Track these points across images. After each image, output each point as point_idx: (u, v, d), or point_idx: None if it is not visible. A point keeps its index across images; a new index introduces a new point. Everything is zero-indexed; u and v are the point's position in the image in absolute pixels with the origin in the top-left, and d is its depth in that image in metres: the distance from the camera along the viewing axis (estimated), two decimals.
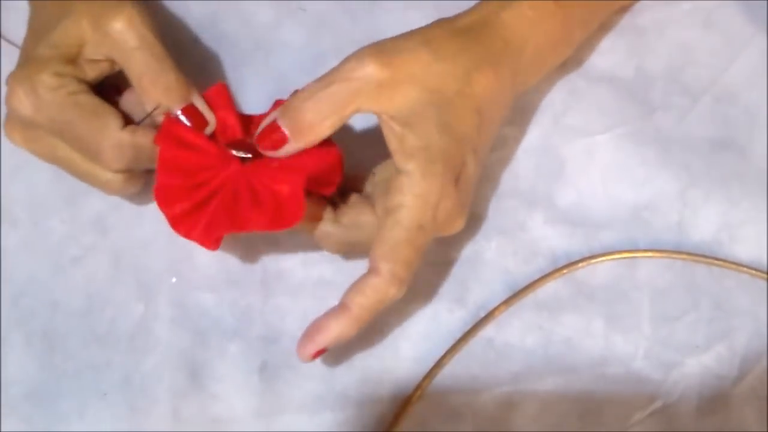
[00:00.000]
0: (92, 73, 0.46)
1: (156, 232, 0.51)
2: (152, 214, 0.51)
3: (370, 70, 0.43)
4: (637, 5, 0.55)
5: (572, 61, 0.53)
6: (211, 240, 0.44)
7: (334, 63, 0.44)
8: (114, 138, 0.44)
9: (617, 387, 0.49)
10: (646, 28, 0.55)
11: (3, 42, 0.54)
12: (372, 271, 0.43)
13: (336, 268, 0.51)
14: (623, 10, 0.55)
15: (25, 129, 0.45)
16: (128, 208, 0.52)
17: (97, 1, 0.45)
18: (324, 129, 0.43)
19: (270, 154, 0.44)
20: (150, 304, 0.50)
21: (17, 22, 0.50)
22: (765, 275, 0.50)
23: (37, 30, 0.47)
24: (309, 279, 0.51)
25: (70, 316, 0.50)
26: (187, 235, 0.44)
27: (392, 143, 0.44)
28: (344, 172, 0.46)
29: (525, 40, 0.46)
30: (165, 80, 0.45)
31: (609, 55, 0.55)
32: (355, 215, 0.45)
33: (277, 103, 0.46)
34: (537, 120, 0.53)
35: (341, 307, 0.44)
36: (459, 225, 0.46)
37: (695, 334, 0.50)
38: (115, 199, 0.52)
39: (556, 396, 0.49)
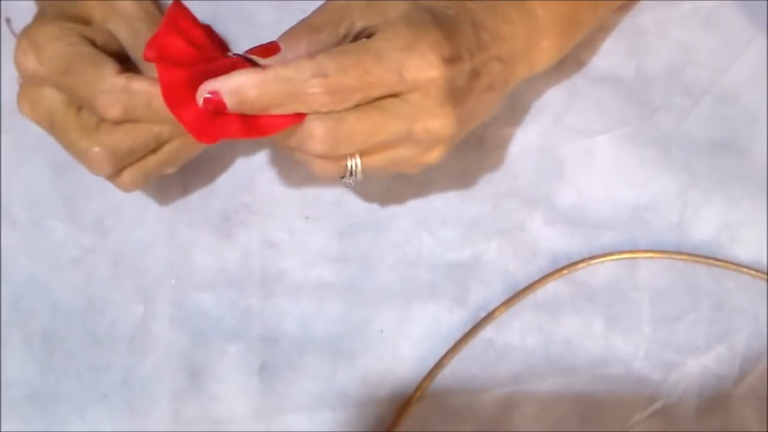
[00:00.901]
0: (98, 37, 0.46)
1: (156, 234, 0.51)
2: (152, 216, 0.51)
3: None
4: (637, 5, 0.55)
5: (572, 61, 0.53)
6: (204, 127, 0.41)
7: None
8: (109, 82, 0.43)
9: (617, 387, 0.49)
10: (646, 28, 0.55)
11: (3, 40, 0.54)
12: (307, 56, 0.41)
13: (336, 269, 0.51)
14: (627, 8, 0.55)
15: (31, 92, 0.45)
16: (128, 209, 0.52)
17: None
18: (317, 39, 0.42)
19: (261, 61, 0.42)
20: (150, 305, 0.50)
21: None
22: (765, 276, 0.50)
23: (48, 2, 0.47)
24: (308, 280, 0.51)
25: (69, 317, 0.50)
26: (177, 110, 0.41)
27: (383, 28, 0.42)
28: None
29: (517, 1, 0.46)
30: None
31: (609, 55, 0.54)
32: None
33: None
34: (537, 120, 0.53)
35: (258, 67, 0.41)
36: (447, 120, 0.43)
37: (695, 334, 0.50)
38: (115, 200, 0.52)
39: (557, 396, 0.49)
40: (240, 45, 0.55)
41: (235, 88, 0.40)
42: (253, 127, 0.41)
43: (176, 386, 0.49)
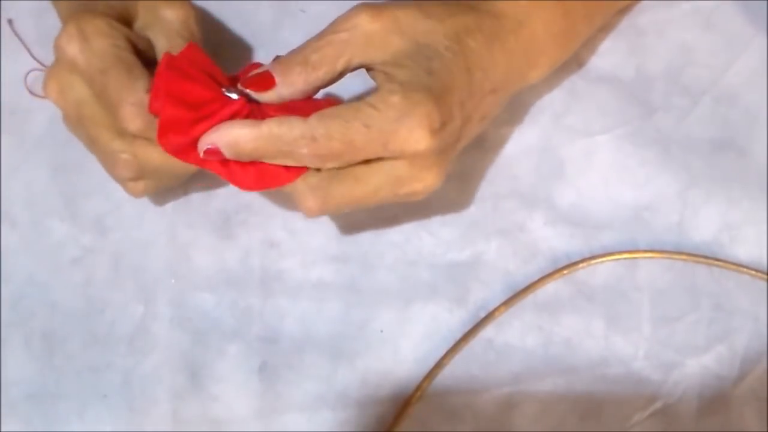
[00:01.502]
0: (140, 43, 0.46)
1: (155, 233, 0.51)
2: (152, 216, 0.51)
3: (360, 22, 0.43)
4: (637, 6, 0.55)
5: (572, 61, 0.53)
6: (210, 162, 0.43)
7: None
8: (137, 96, 0.44)
9: (617, 387, 0.49)
10: (646, 28, 0.55)
11: (3, 40, 0.54)
12: (303, 93, 0.43)
13: (335, 269, 0.51)
14: (626, 9, 0.55)
15: (62, 76, 0.45)
16: (128, 208, 0.52)
17: None
18: (313, 78, 0.43)
19: (256, 96, 0.43)
20: (149, 305, 0.50)
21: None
22: (765, 276, 0.50)
23: None
24: (308, 280, 0.51)
25: (69, 317, 0.50)
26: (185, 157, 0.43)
27: (379, 78, 0.43)
28: None
29: (519, 23, 0.46)
30: None
31: (609, 55, 0.55)
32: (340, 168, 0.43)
33: (253, 66, 0.45)
34: (537, 120, 0.53)
35: (255, 121, 0.43)
36: (432, 180, 0.44)
37: (695, 334, 0.50)
38: (115, 200, 0.52)
39: (556, 396, 0.49)
40: (240, 44, 0.55)
41: (231, 141, 0.42)
42: (259, 180, 0.43)
43: (176, 386, 0.49)
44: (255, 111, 0.43)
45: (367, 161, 0.43)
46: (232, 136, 0.42)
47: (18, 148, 0.53)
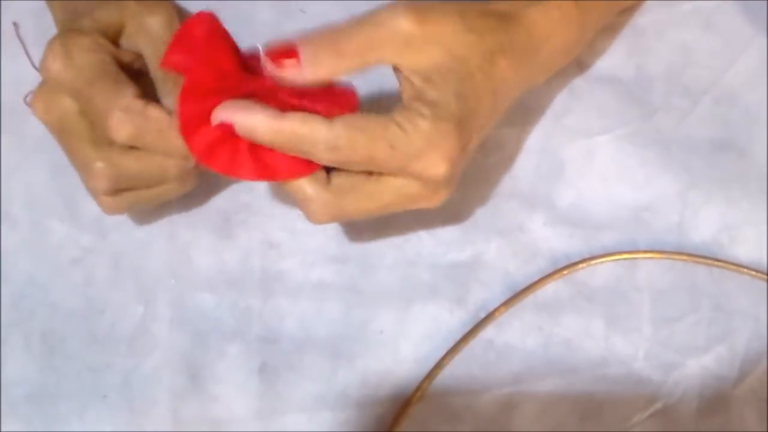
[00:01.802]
0: (125, 57, 0.46)
1: (155, 234, 0.51)
2: (152, 216, 0.51)
3: (402, 22, 0.42)
4: (637, 6, 0.55)
5: (572, 61, 0.53)
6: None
7: None
8: (126, 102, 0.43)
9: (617, 388, 0.49)
10: (646, 28, 0.55)
11: (3, 41, 0.54)
12: (326, 119, 0.41)
13: (335, 270, 0.51)
14: (628, 10, 0.55)
15: (48, 94, 0.45)
16: None
17: None
18: (341, 67, 0.42)
19: (275, 72, 0.42)
20: (149, 305, 0.50)
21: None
22: (765, 276, 0.50)
23: (77, 8, 0.48)
24: (308, 280, 0.51)
25: (69, 317, 0.50)
26: (229, 168, 0.42)
27: (408, 92, 0.43)
28: None
29: (545, 38, 0.46)
30: None
31: (609, 55, 0.55)
32: (351, 177, 0.43)
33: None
34: (537, 121, 0.53)
35: (278, 113, 0.41)
36: (441, 198, 0.45)
37: (696, 335, 0.50)
38: None
39: (557, 397, 0.49)
40: (240, 45, 0.55)
41: (250, 127, 0.41)
42: (264, 169, 0.42)
43: (176, 386, 0.49)
44: (272, 93, 0.42)
45: (379, 173, 0.43)
46: (251, 123, 0.41)
47: (18, 148, 0.53)
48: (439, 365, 0.49)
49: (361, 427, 0.48)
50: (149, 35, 0.46)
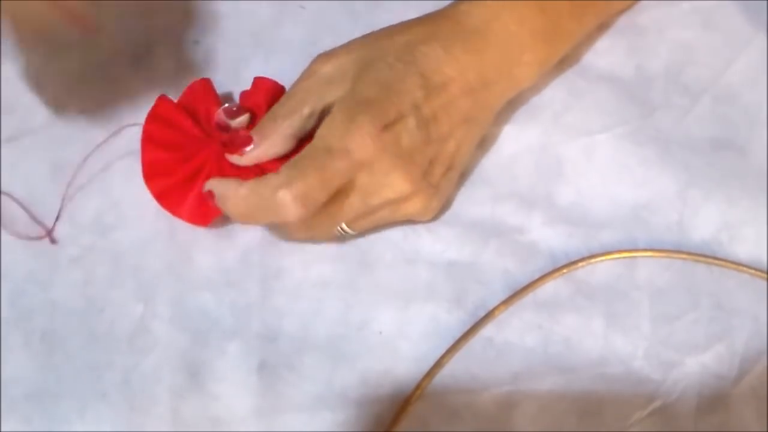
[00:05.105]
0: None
1: (155, 232, 0.51)
2: (151, 215, 0.51)
3: (317, 67, 0.47)
4: (637, 5, 0.55)
5: (572, 60, 0.53)
6: (198, 215, 0.49)
7: None
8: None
9: (617, 386, 0.49)
10: (645, 28, 0.55)
11: (3, 40, 0.54)
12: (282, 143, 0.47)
13: (334, 269, 0.51)
14: (627, 9, 0.55)
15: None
16: (127, 208, 0.52)
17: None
18: (284, 128, 0.47)
19: (237, 160, 0.48)
20: (149, 304, 0.50)
21: None
22: (765, 275, 0.50)
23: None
24: (308, 279, 0.51)
25: (69, 316, 0.50)
26: (174, 211, 0.49)
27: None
28: None
29: (485, 22, 0.48)
30: None
31: (609, 54, 0.55)
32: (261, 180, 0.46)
33: (257, 80, 0.50)
34: (536, 119, 0.53)
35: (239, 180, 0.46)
36: (396, 180, 0.46)
37: (695, 333, 0.50)
38: (115, 199, 0.52)
39: (556, 395, 0.49)
40: (240, 42, 0.55)
41: (222, 196, 0.46)
42: (204, 216, 0.49)
43: (176, 385, 0.49)
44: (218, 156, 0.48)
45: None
46: (222, 190, 0.46)
47: (18, 147, 0.53)
48: (438, 364, 0.49)
49: (361, 425, 0.48)
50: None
